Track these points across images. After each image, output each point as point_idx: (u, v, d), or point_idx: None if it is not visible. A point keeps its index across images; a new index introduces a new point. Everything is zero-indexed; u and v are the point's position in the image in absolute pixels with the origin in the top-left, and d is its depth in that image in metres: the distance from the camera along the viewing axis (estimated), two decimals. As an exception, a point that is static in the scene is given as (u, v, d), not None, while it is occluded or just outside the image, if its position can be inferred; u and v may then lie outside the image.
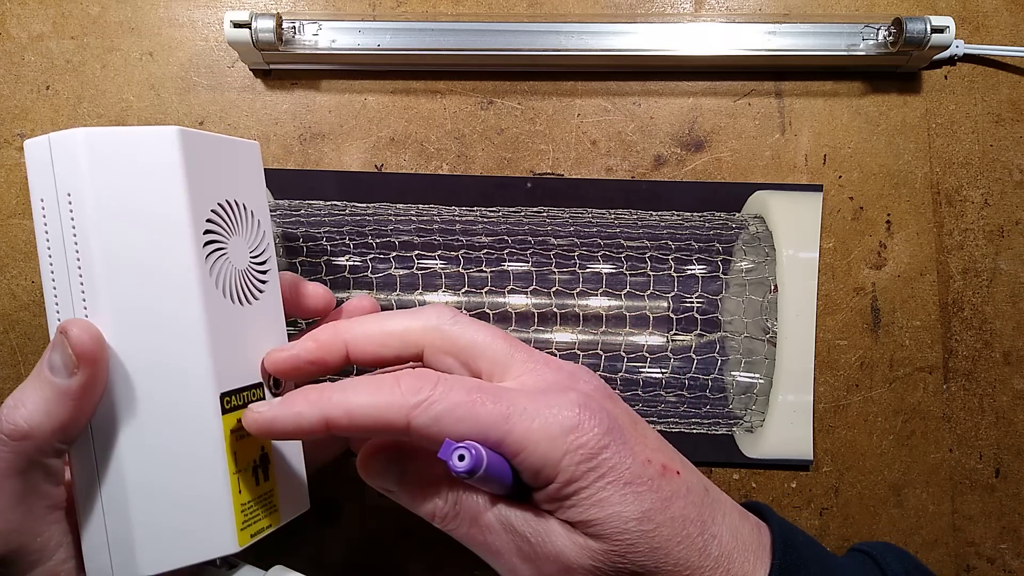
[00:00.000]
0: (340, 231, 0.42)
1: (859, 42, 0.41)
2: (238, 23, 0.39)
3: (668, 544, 0.27)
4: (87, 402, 0.26)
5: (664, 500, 0.27)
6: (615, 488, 0.27)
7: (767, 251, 0.42)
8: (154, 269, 0.27)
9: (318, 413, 0.27)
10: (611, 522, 0.27)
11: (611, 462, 0.27)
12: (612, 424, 0.27)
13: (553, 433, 0.27)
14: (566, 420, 0.27)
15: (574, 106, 0.43)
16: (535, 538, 0.27)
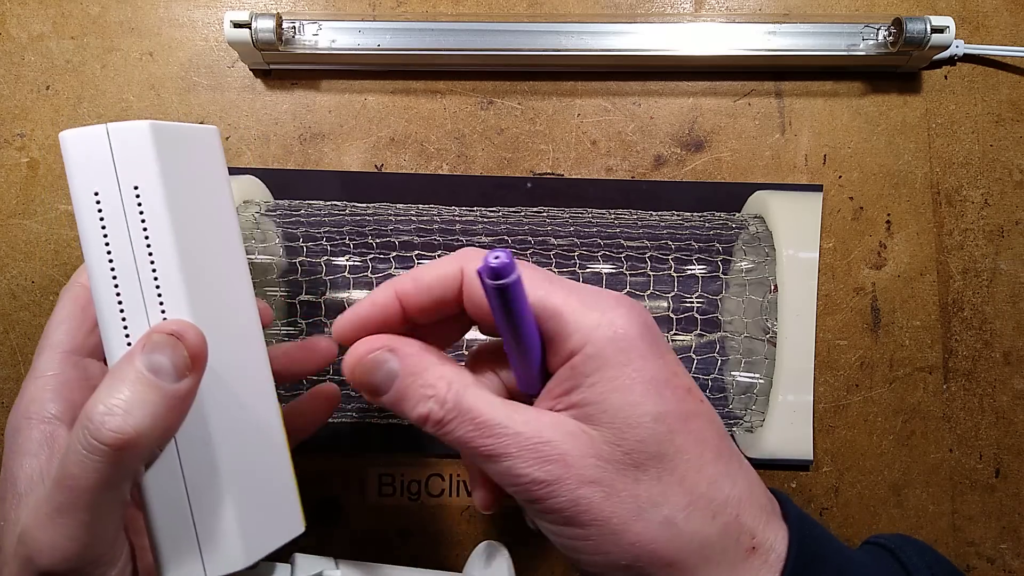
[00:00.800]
0: (340, 231, 0.42)
1: (859, 42, 0.41)
2: (238, 23, 0.39)
3: (678, 457, 0.25)
4: (190, 405, 0.25)
5: (684, 413, 0.26)
6: (639, 379, 0.25)
7: (767, 251, 0.42)
8: (216, 264, 0.27)
9: (390, 290, 0.28)
10: (624, 412, 0.25)
11: (641, 354, 0.26)
12: (650, 330, 0.26)
13: (592, 306, 0.26)
14: (608, 303, 0.26)
15: (574, 106, 0.43)
16: (537, 433, 0.25)
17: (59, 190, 0.42)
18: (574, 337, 0.26)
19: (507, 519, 0.42)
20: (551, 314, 0.26)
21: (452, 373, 0.27)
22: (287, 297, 0.43)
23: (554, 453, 0.25)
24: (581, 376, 0.26)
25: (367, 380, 0.27)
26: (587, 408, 0.25)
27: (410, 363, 0.27)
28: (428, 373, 0.27)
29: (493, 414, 0.26)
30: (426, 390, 0.26)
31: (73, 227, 0.42)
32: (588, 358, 0.26)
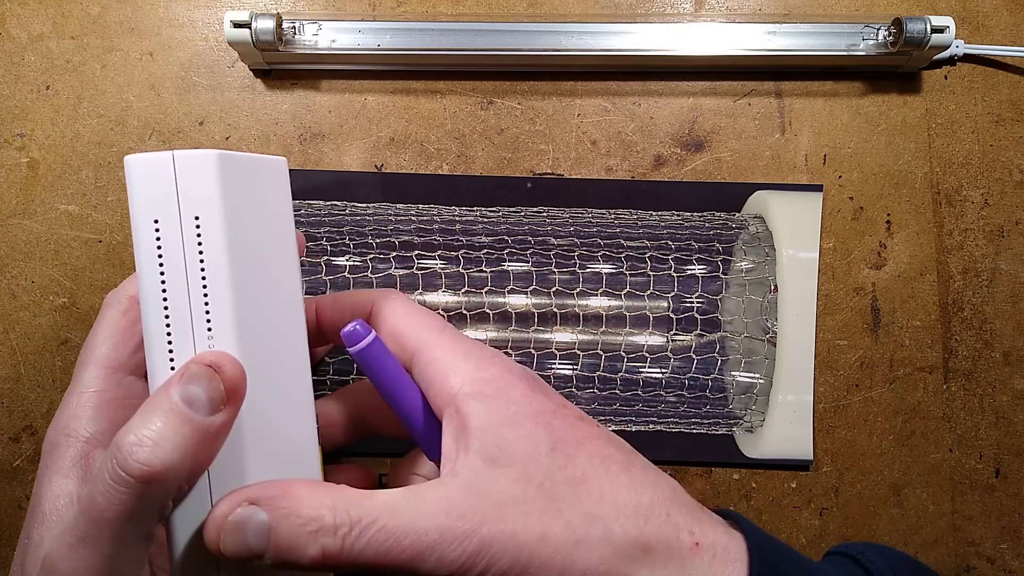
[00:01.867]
0: (340, 231, 0.42)
1: (859, 42, 0.41)
2: (238, 23, 0.39)
3: (588, 478, 0.25)
4: (223, 440, 0.24)
5: (578, 438, 0.25)
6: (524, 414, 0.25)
7: (767, 251, 0.42)
8: (270, 298, 0.26)
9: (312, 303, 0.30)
10: (520, 445, 0.24)
11: (523, 392, 0.26)
12: (528, 374, 0.27)
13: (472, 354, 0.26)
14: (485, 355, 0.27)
15: (574, 106, 0.43)
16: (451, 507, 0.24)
17: (59, 190, 0.42)
18: (451, 380, 0.26)
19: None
20: (430, 360, 0.26)
21: (333, 495, 0.24)
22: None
23: (474, 522, 0.23)
24: (467, 417, 0.25)
25: (239, 548, 0.24)
26: (484, 448, 0.25)
27: (279, 505, 0.24)
28: (304, 507, 0.24)
29: (399, 512, 0.24)
30: (310, 526, 0.23)
31: (73, 227, 0.42)
32: (469, 398, 0.25)
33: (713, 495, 0.41)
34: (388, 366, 0.27)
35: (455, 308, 0.42)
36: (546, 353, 0.42)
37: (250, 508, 0.24)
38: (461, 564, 0.23)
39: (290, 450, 0.27)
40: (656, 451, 0.41)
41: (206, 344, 0.25)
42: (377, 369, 0.26)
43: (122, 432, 0.23)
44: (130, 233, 0.42)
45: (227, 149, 0.42)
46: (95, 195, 0.42)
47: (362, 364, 0.27)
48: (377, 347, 0.26)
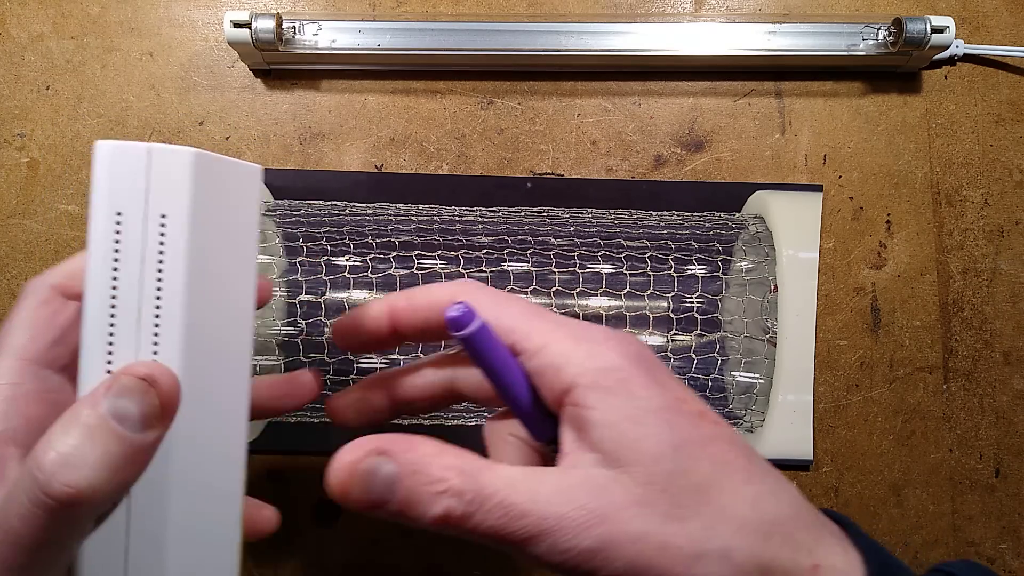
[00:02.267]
0: (340, 231, 0.42)
1: (859, 42, 0.41)
2: (238, 23, 0.39)
3: (710, 485, 0.23)
4: (151, 458, 0.22)
5: (702, 439, 0.24)
6: (647, 409, 0.24)
7: (767, 251, 0.42)
8: (222, 309, 0.25)
9: (384, 304, 0.28)
10: (643, 444, 0.23)
11: (642, 384, 0.24)
12: (645, 358, 0.25)
13: (582, 338, 0.25)
14: (597, 336, 0.25)
15: (574, 106, 0.43)
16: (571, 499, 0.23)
17: (59, 190, 0.42)
18: (566, 370, 0.24)
19: (507, 519, 0.42)
20: (538, 348, 0.25)
21: (459, 459, 0.24)
22: (287, 297, 0.43)
23: (593, 517, 0.23)
24: (586, 411, 0.24)
25: (364, 496, 0.23)
26: (606, 447, 0.24)
27: (408, 460, 0.24)
28: (433, 466, 0.24)
29: (518, 491, 0.23)
30: (436, 486, 0.23)
31: (73, 227, 0.42)
32: (588, 390, 0.24)
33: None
34: (497, 351, 0.25)
35: (455, 308, 0.42)
36: (546, 353, 0.42)
37: (379, 458, 0.24)
38: (574, 556, 0.23)
39: (216, 469, 0.25)
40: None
41: (150, 354, 0.23)
42: (486, 354, 0.25)
43: (41, 447, 0.21)
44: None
45: (227, 149, 0.42)
46: (95, 195, 0.42)
47: (469, 349, 0.25)
48: (485, 331, 0.25)
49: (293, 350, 0.42)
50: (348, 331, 0.29)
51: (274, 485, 0.41)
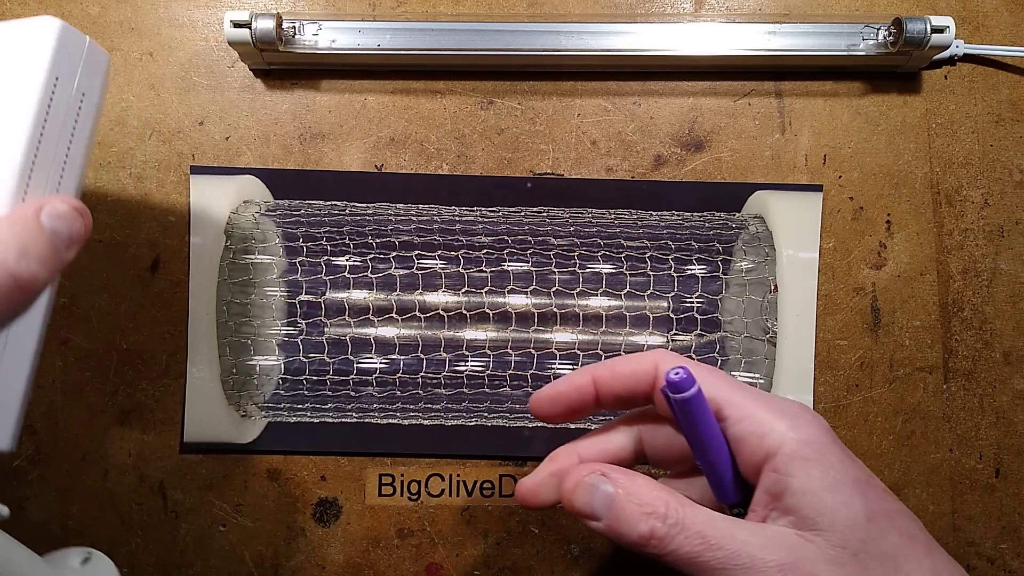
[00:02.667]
0: (340, 231, 0.42)
1: (859, 42, 0.41)
2: (238, 23, 0.39)
3: (897, 555, 0.26)
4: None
5: (889, 512, 0.26)
6: (844, 480, 0.26)
7: (767, 251, 0.42)
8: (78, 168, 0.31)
9: (588, 375, 0.31)
10: (841, 512, 0.25)
11: (838, 457, 0.26)
12: (833, 434, 0.28)
13: (781, 411, 0.27)
14: (793, 409, 0.27)
15: (574, 106, 0.43)
16: (766, 543, 0.25)
17: (59, 190, 0.42)
18: (768, 439, 0.27)
19: (505, 518, 0.42)
20: (742, 416, 0.27)
21: (667, 492, 0.28)
22: (287, 297, 0.43)
23: (786, 565, 0.25)
24: (787, 478, 0.26)
25: (585, 505, 0.28)
26: (803, 512, 0.26)
27: (624, 484, 0.28)
28: (644, 493, 0.27)
29: (717, 528, 0.26)
30: (645, 508, 0.27)
31: (73, 227, 0.42)
32: (789, 459, 0.26)
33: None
34: (708, 415, 0.28)
35: (455, 308, 0.42)
36: (546, 353, 0.42)
37: (600, 478, 0.28)
38: None
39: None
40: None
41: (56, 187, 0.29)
42: (697, 418, 0.28)
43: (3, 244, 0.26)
44: (129, 233, 0.42)
45: (227, 149, 0.42)
46: (95, 195, 0.42)
47: (683, 412, 0.28)
48: (700, 396, 0.28)
49: (293, 350, 0.42)
50: (551, 401, 0.32)
51: (274, 485, 0.41)
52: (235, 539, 0.41)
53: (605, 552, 0.41)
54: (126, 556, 0.41)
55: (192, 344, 0.41)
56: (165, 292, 0.42)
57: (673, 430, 0.31)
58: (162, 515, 0.41)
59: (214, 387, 0.41)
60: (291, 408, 0.42)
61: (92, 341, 0.41)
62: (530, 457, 0.42)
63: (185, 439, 0.41)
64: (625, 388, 0.31)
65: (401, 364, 0.42)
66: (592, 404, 0.32)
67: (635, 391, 0.31)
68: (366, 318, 0.42)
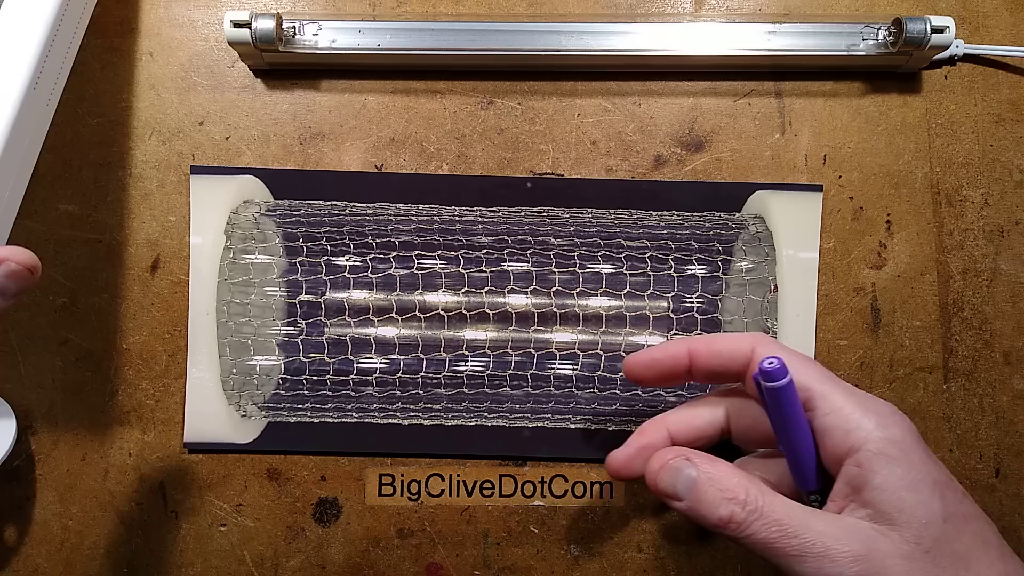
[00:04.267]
0: (340, 231, 0.42)
1: (859, 42, 0.41)
2: (238, 23, 0.39)
3: (970, 556, 0.26)
4: None
5: (966, 515, 0.27)
6: (925, 480, 0.27)
7: (767, 251, 0.42)
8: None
9: (685, 345, 0.32)
10: (919, 511, 0.26)
11: (921, 458, 0.27)
12: (919, 436, 0.29)
13: (870, 408, 0.28)
14: (883, 408, 0.28)
15: (574, 106, 0.43)
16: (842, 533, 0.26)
17: (59, 190, 0.42)
18: (854, 434, 0.28)
19: (505, 518, 0.42)
20: (831, 409, 0.28)
21: (747, 480, 0.29)
22: (287, 297, 0.43)
23: (861, 555, 0.26)
24: (869, 473, 0.27)
25: (669, 486, 0.30)
26: (881, 507, 0.27)
27: (706, 469, 0.29)
28: (725, 479, 0.29)
29: (794, 516, 0.27)
30: (725, 493, 0.28)
31: (73, 227, 0.42)
32: (873, 456, 0.27)
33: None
34: (796, 405, 0.29)
35: (455, 308, 0.42)
36: (546, 353, 0.42)
37: (685, 462, 0.30)
38: None
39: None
40: (656, 451, 0.41)
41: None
42: (786, 407, 0.29)
43: None
44: (129, 233, 0.42)
45: (227, 149, 0.42)
46: (95, 195, 0.42)
47: (774, 400, 0.29)
48: (791, 387, 0.28)
49: (293, 350, 0.42)
50: (645, 366, 0.34)
51: (274, 485, 0.41)
52: (235, 539, 0.41)
53: (605, 552, 0.41)
54: (126, 556, 0.41)
55: (192, 344, 0.41)
56: (165, 292, 0.42)
57: (759, 412, 0.32)
58: (162, 515, 0.41)
59: (214, 387, 0.41)
60: (291, 408, 0.42)
61: (92, 341, 0.41)
62: (530, 457, 0.42)
63: (185, 439, 0.41)
64: (720, 365, 0.32)
65: (401, 364, 0.42)
66: (684, 375, 0.33)
67: (728, 369, 0.32)
68: (366, 318, 0.42)
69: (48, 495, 0.41)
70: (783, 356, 0.29)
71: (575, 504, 0.41)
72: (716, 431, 0.34)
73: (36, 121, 0.35)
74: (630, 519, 0.41)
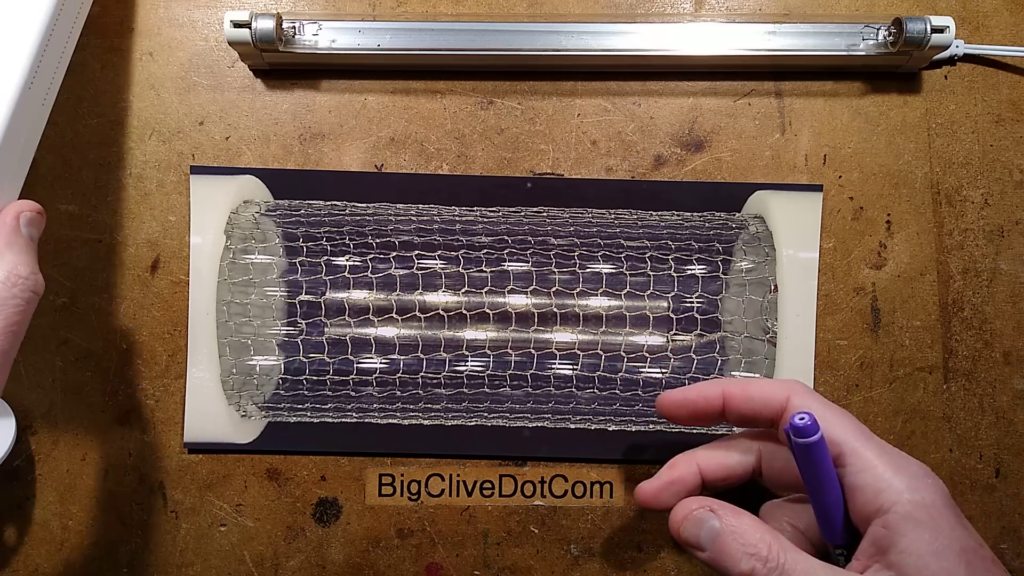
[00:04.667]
0: (340, 231, 0.42)
1: (859, 42, 0.41)
2: (238, 23, 0.39)
3: None
4: None
5: None
6: (952, 548, 0.27)
7: (767, 251, 0.42)
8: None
9: (719, 388, 0.33)
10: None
11: (950, 524, 0.27)
12: (950, 500, 0.28)
13: (902, 469, 0.28)
14: (915, 471, 0.28)
15: (574, 106, 0.43)
16: None
17: (59, 190, 0.42)
18: (884, 495, 0.27)
19: (505, 518, 0.42)
20: (863, 467, 0.28)
21: (771, 536, 0.29)
22: (287, 297, 0.43)
23: None
24: (896, 536, 0.27)
25: (692, 536, 0.30)
26: (905, 571, 0.27)
27: (730, 522, 0.30)
28: (748, 533, 0.29)
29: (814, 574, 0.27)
30: (748, 548, 0.29)
31: (73, 227, 0.42)
32: (901, 519, 0.27)
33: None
34: (826, 461, 0.29)
35: (455, 308, 0.42)
36: (546, 353, 0.42)
37: (708, 513, 0.30)
38: None
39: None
40: (656, 451, 0.41)
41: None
42: (817, 463, 0.29)
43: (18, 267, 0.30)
44: (129, 233, 0.42)
45: (227, 149, 0.42)
46: (95, 195, 0.42)
47: (803, 455, 0.29)
48: (823, 443, 0.28)
49: (293, 350, 0.42)
50: (678, 404, 0.34)
51: (274, 485, 0.41)
52: (235, 539, 0.41)
53: (605, 552, 0.41)
54: (126, 556, 0.41)
55: (192, 344, 0.41)
56: (165, 292, 0.42)
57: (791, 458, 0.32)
58: (162, 515, 0.41)
59: (214, 387, 0.41)
60: (291, 408, 0.42)
61: (92, 341, 0.41)
62: (530, 457, 0.42)
63: (185, 439, 0.41)
64: (753, 411, 0.32)
65: (401, 364, 0.42)
66: (716, 416, 0.33)
67: (761, 416, 0.32)
68: (366, 318, 0.42)
69: (48, 495, 0.41)
70: (816, 410, 0.29)
71: (575, 504, 0.41)
72: (746, 472, 0.34)
73: (32, 121, 0.35)
74: (630, 519, 0.41)
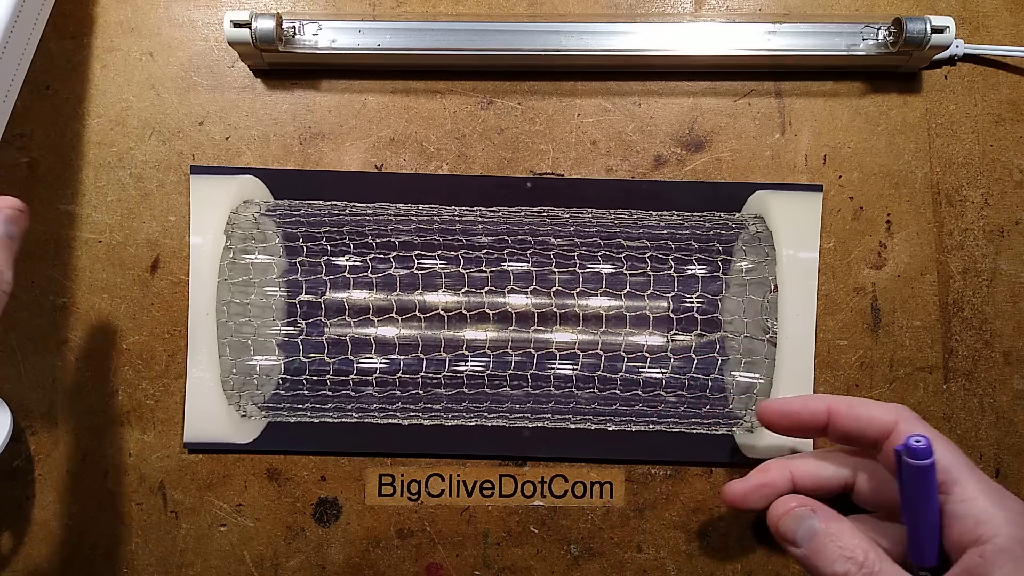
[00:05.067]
0: (340, 231, 0.42)
1: (859, 42, 0.41)
2: (238, 23, 0.39)
3: None
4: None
5: None
6: None
7: (767, 251, 0.42)
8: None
9: (824, 402, 0.33)
10: None
11: None
12: None
13: (1004, 504, 0.28)
14: (1017, 507, 0.29)
15: (574, 106, 0.43)
16: None
17: (59, 190, 0.42)
18: (985, 526, 0.28)
19: (505, 518, 0.42)
20: (966, 497, 0.29)
21: (867, 543, 0.30)
22: (287, 297, 0.43)
23: None
24: (990, 567, 0.27)
25: (790, 532, 0.31)
26: None
27: (829, 524, 0.31)
28: (846, 537, 0.30)
29: None
30: (844, 551, 0.29)
31: (73, 227, 0.42)
32: (999, 551, 0.28)
33: (713, 495, 0.41)
34: (932, 486, 0.29)
35: (455, 308, 0.42)
36: (546, 353, 0.42)
37: (809, 512, 0.31)
38: None
39: None
40: (656, 451, 0.41)
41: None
42: (923, 486, 0.29)
43: None
44: (129, 233, 0.42)
45: (227, 149, 0.42)
46: (95, 195, 0.42)
47: (911, 477, 0.29)
48: (933, 468, 0.29)
49: (293, 350, 0.42)
50: (780, 414, 0.35)
51: (274, 485, 0.41)
52: (235, 539, 0.41)
53: (605, 552, 0.41)
54: (126, 556, 0.41)
55: (192, 344, 0.41)
56: (165, 292, 0.42)
57: (887, 479, 0.32)
58: (162, 515, 0.41)
59: (214, 387, 0.41)
60: (291, 408, 0.42)
61: (92, 341, 0.41)
62: (530, 457, 0.42)
63: (185, 439, 0.41)
64: (858, 430, 0.32)
65: (401, 364, 0.42)
66: (818, 430, 0.34)
67: (866, 436, 0.32)
68: (366, 318, 0.42)
69: (48, 495, 0.41)
70: (921, 430, 0.30)
71: (575, 504, 0.41)
72: (838, 486, 0.34)
73: None
74: (630, 519, 0.41)
